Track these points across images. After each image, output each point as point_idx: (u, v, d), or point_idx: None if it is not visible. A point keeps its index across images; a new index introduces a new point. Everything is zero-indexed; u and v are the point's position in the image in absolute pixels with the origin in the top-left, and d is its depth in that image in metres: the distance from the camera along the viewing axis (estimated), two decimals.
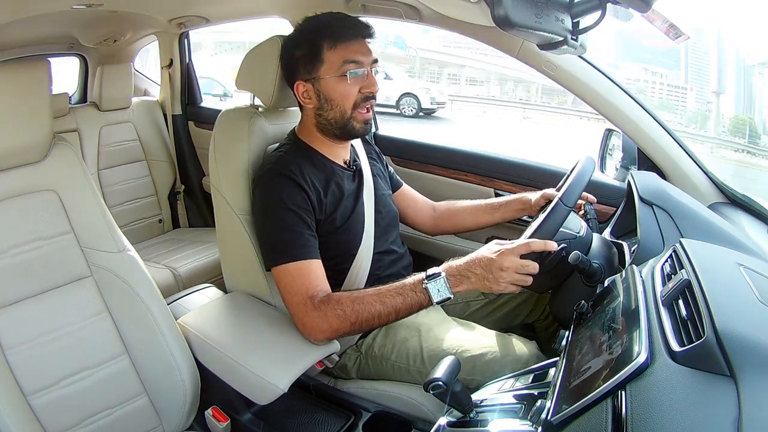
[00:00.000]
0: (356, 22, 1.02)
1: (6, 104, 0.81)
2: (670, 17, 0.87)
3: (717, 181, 1.15)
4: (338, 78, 0.99)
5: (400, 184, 1.29)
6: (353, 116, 1.02)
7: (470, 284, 0.86)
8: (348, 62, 0.98)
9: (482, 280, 0.85)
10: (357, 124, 1.03)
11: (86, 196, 0.93)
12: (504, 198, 1.24)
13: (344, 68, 0.99)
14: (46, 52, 1.98)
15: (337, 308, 0.89)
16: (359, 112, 1.02)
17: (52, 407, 0.84)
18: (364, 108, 1.02)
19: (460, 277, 0.86)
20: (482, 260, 0.86)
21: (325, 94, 1.01)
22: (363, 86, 1.01)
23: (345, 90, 1.00)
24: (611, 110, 1.14)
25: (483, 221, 1.24)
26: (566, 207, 0.87)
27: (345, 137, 1.06)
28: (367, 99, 1.02)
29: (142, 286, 0.94)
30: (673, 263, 0.66)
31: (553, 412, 0.54)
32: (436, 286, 0.86)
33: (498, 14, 0.63)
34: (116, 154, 2.06)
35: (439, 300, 0.87)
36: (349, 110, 1.01)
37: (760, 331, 0.47)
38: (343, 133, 1.04)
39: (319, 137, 1.07)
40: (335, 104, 1.01)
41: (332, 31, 0.99)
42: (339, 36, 0.99)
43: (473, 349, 0.97)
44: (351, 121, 1.02)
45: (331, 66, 0.99)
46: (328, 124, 1.04)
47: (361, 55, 0.99)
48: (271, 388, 0.86)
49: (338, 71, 0.99)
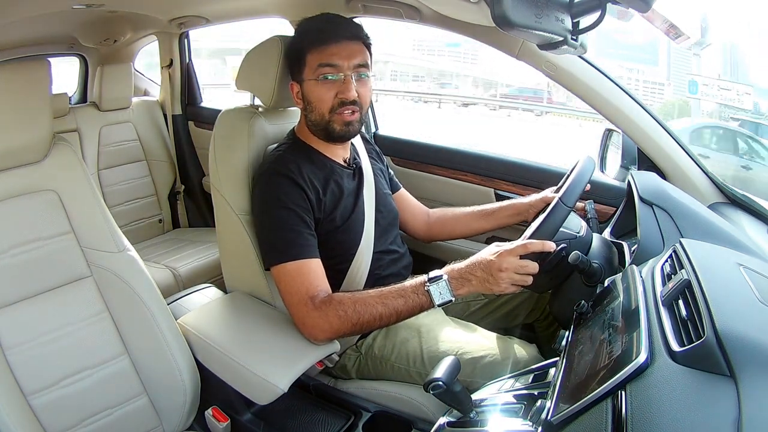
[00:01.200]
0: (340, 23, 1.01)
1: (6, 104, 0.81)
2: (670, 17, 0.87)
3: (717, 181, 1.15)
4: (315, 81, 0.99)
5: (398, 188, 1.29)
6: (332, 119, 1.01)
7: (471, 287, 0.87)
8: (323, 66, 0.98)
9: (483, 282, 0.85)
10: (337, 126, 1.01)
11: (86, 196, 0.93)
12: (497, 204, 1.24)
13: (319, 71, 0.98)
14: (46, 52, 1.98)
15: (339, 309, 0.89)
16: (338, 115, 1.00)
17: (52, 407, 0.84)
18: (343, 112, 1.00)
19: (462, 280, 0.87)
20: (482, 262, 0.86)
21: (306, 97, 1.02)
22: (339, 91, 0.99)
23: (320, 94, 1.00)
24: (611, 110, 1.14)
25: (476, 228, 1.24)
26: (566, 207, 0.87)
27: (329, 139, 1.05)
28: (343, 104, 0.99)
29: (142, 286, 0.94)
30: (673, 263, 0.66)
31: (553, 412, 0.54)
32: (437, 288, 0.87)
33: (498, 14, 0.62)
34: (116, 154, 2.06)
35: (441, 303, 0.87)
36: (326, 114, 1.01)
37: (760, 331, 0.47)
38: (326, 135, 1.04)
39: (314, 137, 1.07)
40: (314, 107, 1.01)
41: (314, 34, 1.00)
42: (318, 39, 0.99)
43: (473, 351, 0.97)
44: (331, 123, 1.01)
45: (310, 69, 1.00)
46: (313, 125, 1.04)
47: (338, 58, 0.98)
48: (271, 388, 0.86)
49: (314, 74, 0.99)
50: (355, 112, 1.01)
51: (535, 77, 10.67)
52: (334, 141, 1.06)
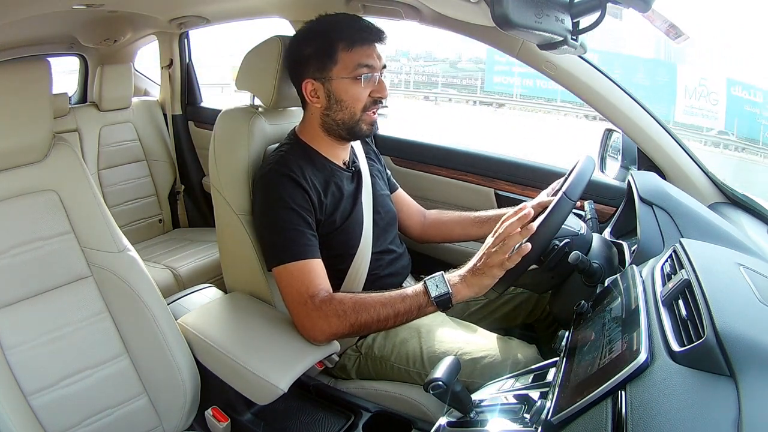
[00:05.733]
0: (371, 26, 1.02)
1: (6, 104, 0.81)
2: (670, 17, 0.87)
3: (717, 181, 1.15)
4: (351, 80, 0.99)
5: (396, 188, 1.29)
6: (362, 118, 1.03)
7: (467, 279, 0.88)
8: (362, 66, 0.99)
9: (475, 269, 0.87)
10: (364, 126, 1.04)
11: (86, 196, 0.93)
12: (494, 211, 1.23)
13: (358, 71, 0.99)
14: (46, 52, 1.98)
15: (338, 308, 0.90)
16: (367, 114, 1.03)
17: (52, 407, 0.84)
18: (372, 111, 1.03)
19: (456, 276, 0.89)
20: (475, 262, 0.88)
21: (335, 95, 1.01)
22: (374, 90, 1.01)
23: (357, 93, 1.00)
24: (611, 110, 1.14)
25: (471, 234, 1.24)
26: (570, 201, 0.86)
27: (351, 138, 1.07)
28: (375, 103, 1.03)
29: (142, 286, 0.94)
30: (673, 263, 0.66)
31: (553, 412, 0.54)
32: (434, 282, 0.89)
33: (498, 14, 0.63)
34: (116, 154, 2.06)
35: (437, 295, 0.87)
36: (358, 112, 1.02)
37: (760, 331, 0.47)
38: (349, 134, 1.05)
39: (322, 137, 1.06)
40: (345, 105, 1.01)
41: (349, 33, 1.00)
42: (356, 39, 0.99)
43: (473, 351, 0.97)
44: (359, 123, 1.03)
45: (344, 67, 0.99)
46: (335, 124, 1.04)
47: (373, 60, 1.00)
48: (271, 388, 0.86)
49: (351, 73, 0.99)
50: (376, 113, 1.04)
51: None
52: (355, 139, 1.09)
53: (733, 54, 10.41)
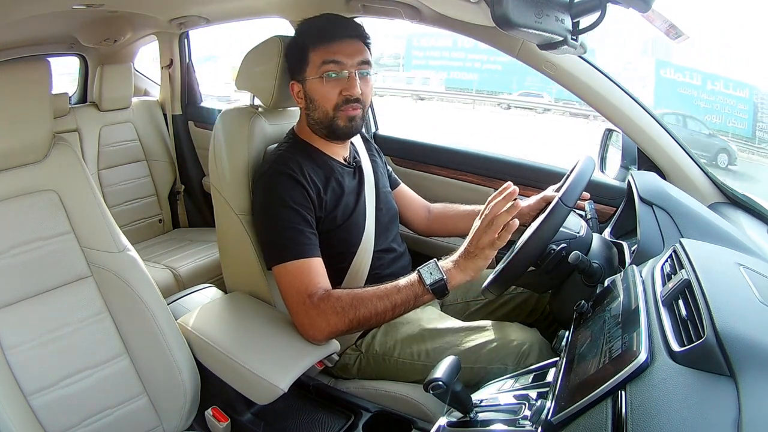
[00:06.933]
0: (342, 21, 1.02)
1: (6, 104, 0.81)
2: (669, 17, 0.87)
3: (717, 181, 1.15)
4: (318, 79, 0.99)
5: (398, 183, 1.29)
6: (336, 116, 1.01)
7: (459, 264, 0.88)
8: (327, 63, 0.98)
9: (472, 257, 0.88)
10: (341, 122, 1.02)
11: (86, 196, 0.93)
12: None
13: (323, 69, 0.99)
14: (46, 52, 1.98)
15: (336, 305, 0.90)
16: (342, 112, 1.01)
17: (52, 407, 0.84)
18: (347, 109, 1.01)
19: (449, 262, 0.90)
20: (466, 246, 0.89)
21: (309, 95, 1.02)
22: (343, 89, 1.00)
23: (324, 91, 1.00)
24: (611, 110, 1.14)
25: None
26: (566, 207, 0.86)
27: (332, 137, 1.06)
28: (347, 102, 1.00)
29: (142, 286, 0.94)
30: (673, 263, 0.66)
31: (553, 412, 0.54)
32: (428, 269, 0.89)
33: (498, 14, 0.63)
34: (116, 154, 2.06)
35: (432, 282, 0.87)
36: (330, 111, 1.01)
37: (760, 331, 0.47)
38: (329, 133, 1.04)
39: (315, 136, 1.07)
40: (317, 105, 1.02)
41: (317, 32, 1.00)
42: (321, 36, 0.99)
43: (476, 338, 0.98)
44: (335, 120, 1.02)
45: (313, 66, 1.00)
46: (315, 123, 1.04)
47: (342, 55, 0.98)
48: (271, 388, 0.86)
49: (318, 72, 0.99)
50: (357, 109, 1.02)
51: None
52: (338, 138, 1.06)
53: (732, 54, 10.41)
